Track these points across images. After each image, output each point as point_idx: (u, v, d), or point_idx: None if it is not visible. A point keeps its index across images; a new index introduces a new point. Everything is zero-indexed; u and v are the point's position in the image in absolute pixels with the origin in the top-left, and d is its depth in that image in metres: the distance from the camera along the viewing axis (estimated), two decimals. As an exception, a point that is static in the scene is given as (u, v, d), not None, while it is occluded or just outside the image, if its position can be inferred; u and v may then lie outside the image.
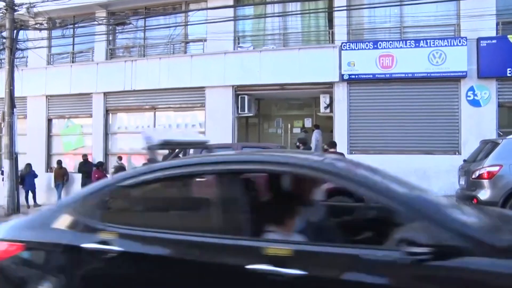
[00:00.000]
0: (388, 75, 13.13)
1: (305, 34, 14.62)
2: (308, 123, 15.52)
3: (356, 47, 13.39)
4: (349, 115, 13.54)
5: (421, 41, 12.87)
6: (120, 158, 15.07)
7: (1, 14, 14.06)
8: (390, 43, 13.13)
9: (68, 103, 16.92)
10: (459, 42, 12.64)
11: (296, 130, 16.00)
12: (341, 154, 10.77)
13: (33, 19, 14.56)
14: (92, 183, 12.96)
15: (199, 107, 15.08)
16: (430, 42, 12.81)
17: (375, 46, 13.22)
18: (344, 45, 13.42)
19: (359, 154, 13.20)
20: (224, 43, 14.33)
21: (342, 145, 12.88)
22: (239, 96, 14.41)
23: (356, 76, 13.35)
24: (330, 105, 13.84)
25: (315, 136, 14.18)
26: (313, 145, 13.95)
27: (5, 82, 14.17)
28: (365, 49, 13.31)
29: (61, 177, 15.84)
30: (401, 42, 13.10)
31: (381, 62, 13.11)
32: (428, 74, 12.83)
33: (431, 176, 12.65)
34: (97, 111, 16.26)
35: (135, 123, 16.27)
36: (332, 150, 10.75)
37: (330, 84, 13.67)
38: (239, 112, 14.50)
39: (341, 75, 13.41)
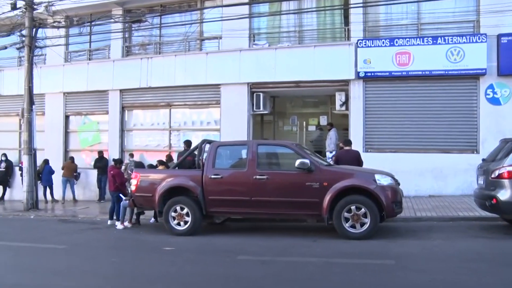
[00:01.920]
0: (405, 73, 13.00)
1: (321, 31, 14.54)
2: (323, 120, 15.44)
3: (372, 44, 13.27)
4: (364, 113, 13.45)
5: (439, 38, 12.71)
6: (131, 155, 15.17)
7: (21, 13, 14.26)
8: (407, 40, 12.99)
9: (85, 100, 17.08)
10: (479, 38, 12.45)
11: (311, 128, 15.95)
12: (357, 152, 10.75)
13: (51, 17, 14.70)
14: (107, 179, 13.25)
15: (214, 104, 15.11)
16: (448, 39, 12.64)
17: (392, 43, 13.09)
18: (360, 42, 13.31)
19: (374, 152, 13.14)
20: (239, 40, 14.32)
21: (357, 144, 12.81)
22: (254, 94, 14.40)
23: (372, 74, 13.24)
24: (346, 103, 13.75)
25: (333, 134, 14.12)
26: (330, 143, 13.89)
27: (24, 79, 14.43)
28: (381, 46, 13.18)
29: (71, 172, 16.00)
30: (418, 39, 12.94)
31: (397, 59, 12.98)
32: (446, 72, 12.67)
33: (448, 175, 12.57)
34: (113, 108, 16.39)
35: (150, 120, 16.36)
36: (347, 148, 10.75)
37: (346, 82, 13.58)
38: (254, 109, 14.49)
39: (357, 73, 13.31)
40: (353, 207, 8.25)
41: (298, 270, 6.35)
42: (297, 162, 8.53)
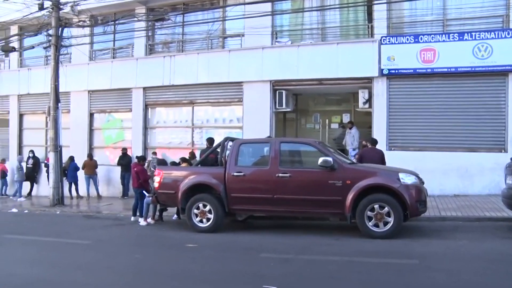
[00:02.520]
0: (430, 70, 12.78)
1: (344, 28, 14.39)
2: (346, 118, 15.31)
3: (396, 41, 13.08)
4: (388, 111, 13.27)
5: (466, 34, 12.45)
6: (154, 153, 15.31)
7: (48, 13, 14.54)
8: (432, 37, 12.77)
9: (109, 98, 17.32)
10: (508, 34, 12.14)
11: (334, 126, 15.84)
12: (381, 151, 10.63)
13: (76, 17, 14.95)
14: (130, 176, 13.40)
15: (236, 102, 15.13)
16: (475, 35, 12.37)
17: (416, 40, 12.88)
18: (383, 39, 13.14)
19: (398, 150, 12.97)
20: (262, 38, 14.29)
21: (381, 142, 12.63)
22: (277, 91, 14.36)
23: (396, 71, 13.05)
24: (369, 101, 13.60)
25: (356, 132, 13.99)
26: (353, 141, 13.76)
27: (50, 78, 14.73)
28: (405, 43, 12.99)
29: (92, 169, 16.24)
30: (443, 35, 12.71)
31: (422, 56, 12.77)
32: (473, 69, 12.41)
33: (474, 174, 12.32)
34: (136, 105, 16.57)
35: (173, 118, 16.48)
36: (371, 146, 10.65)
37: (369, 79, 13.43)
38: (277, 107, 14.45)
39: (381, 70, 13.15)
40: (376, 206, 8.15)
41: (320, 269, 6.32)
42: (320, 160, 8.47)
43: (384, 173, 8.64)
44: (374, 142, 10.91)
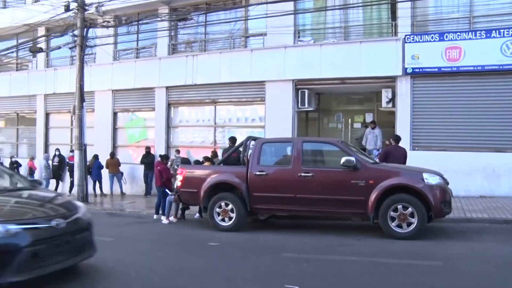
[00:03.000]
0: (455, 68, 12.56)
1: (367, 26, 14.27)
2: (369, 118, 15.15)
3: (421, 39, 12.90)
4: (412, 110, 13.10)
5: (493, 31, 12.17)
6: (178, 151, 15.43)
7: (73, 14, 14.82)
8: (458, 35, 12.53)
9: (132, 97, 17.53)
10: (538, 31, 11.86)
11: (357, 125, 15.69)
12: (405, 149, 10.51)
13: (101, 17, 15.17)
14: (153, 174, 13.54)
15: (259, 101, 15.13)
16: (503, 32, 12.09)
17: (441, 38, 12.67)
18: (407, 38, 12.97)
19: (422, 150, 12.79)
20: (284, 37, 14.27)
21: (404, 141, 12.47)
22: (299, 91, 14.31)
23: (420, 70, 12.87)
24: (392, 100, 13.44)
25: (379, 132, 13.84)
26: (376, 141, 13.62)
27: (76, 77, 15.00)
28: (430, 41, 12.79)
29: (116, 168, 16.43)
30: (470, 33, 12.46)
31: (447, 54, 12.56)
32: (500, 67, 12.14)
33: (501, 174, 12.07)
34: (159, 105, 16.73)
35: (196, 117, 16.59)
36: (394, 144, 10.54)
37: (393, 78, 13.27)
38: (299, 106, 14.40)
39: (404, 69, 12.98)
40: (399, 206, 8.05)
41: (342, 269, 6.27)
42: (343, 159, 8.41)
43: (408, 173, 8.54)
44: (398, 139, 10.79)
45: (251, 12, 14.88)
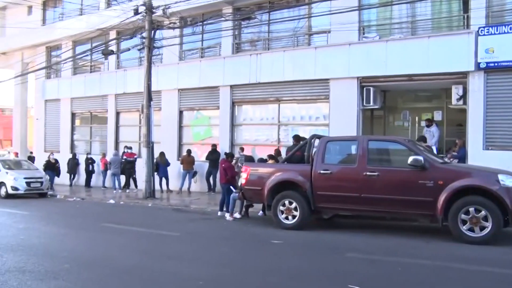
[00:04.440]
0: (535, 62, 11.77)
1: (436, 20, 13.67)
2: (438, 116, 14.52)
3: (497, 31, 12.15)
4: (485, 108, 12.40)
5: None
6: (242, 149, 15.59)
7: (142, 17, 15.43)
8: (539, 25, 11.72)
9: (197, 96, 17.93)
10: None
11: (424, 123, 15.11)
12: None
13: (167, 19, 15.65)
14: (217, 172, 13.79)
15: (323, 99, 14.97)
16: None
17: (520, 29, 11.89)
18: (481, 30, 12.29)
19: (496, 150, 12.10)
20: (348, 33, 14.01)
21: (476, 140, 11.97)
22: (364, 88, 14.00)
23: (495, 64, 12.15)
24: (463, 97, 12.80)
25: (436, 130, 13.27)
26: (433, 140, 13.07)
27: (144, 77, 15.61)
28: (507, 33, 11.98)
29: (190, 165, 16.87)
30: (552, 23, 11.62)
31: (527, 47, 11.76)
32: None
33: None
34: (224, 103, 16.99)
35: (260, 115, 16.69)
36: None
37: (464, 74, 12.63)
38: (364, 104, 14.09)
39: (477, 64, 12.31)
40: (471, 209, 7.68)
41: (408, 272, 6.08)
42: (410, 159, 8.17)
43: (481, 174, 8.13)
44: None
45: (315, 9, 14.75)
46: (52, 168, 19.15)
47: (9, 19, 25.55)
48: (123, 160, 18.37)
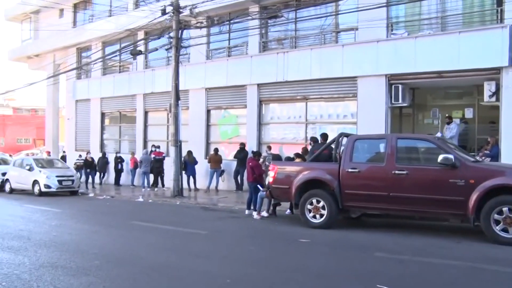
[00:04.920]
0: None
1: (467, 15, 13.34)
2: (469, 113, 14.19)
3: (531, 25, 11.80)
4: (520, 104, 12.07)
5: None
6: (269, 148, 15.58)
7: (169, 17, 15.60)
8: None
9: (225, 95, 18.02)
10: None
11: (455, 121, 14.77)
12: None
13: (194, 18, 15.76)
14: (245, 170, 13.82)
15: (350, 97, 14.83)
16: None
17: (559, 22, 11.49)
18: (515, 25, 11.95)
19: (532, 148, 11.75)
20: (376, 30, 13.84)
21: (510, 138, 11.65)
22: (393, 86, 13.79)
23: (530, 59, 11.80)
24: (496, 93, 12.47)
25: (455, 127, 12.97)
26: (448, 135, 12.76)
27: (171, 77, 15.79)
28: (543, 27, 11.66)
29: (217, 164, 16.97)
30: None
31: None
32: None
33: None
34: (251, 102, 17.02)
35: (287, 114, 16.66)
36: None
37: (497, 70, 12.30)
38: (392, 102, 13.88)
39: (511, 59, 11.98)
40: (505, 209, 7.48)
41: (439, 273, 5.96)
42: (440, 157, 8.01)
43: (515, 173, 7.90)
44: None
45: (342, 7, 14.60)
46: (90, 166, 19.55)
47: (42, 23, 26.23)
48: (152, 159, 18.61)
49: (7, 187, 18.91)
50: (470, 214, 7.79)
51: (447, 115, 13.85)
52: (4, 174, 19.34)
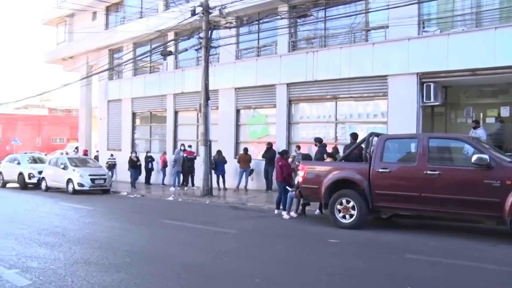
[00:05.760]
0: None
1: (504, 10, 12.97)
2: (505, 111, 13.79)
3: None
4: (560, 103, 11.67)
5: None
6: (298, 147, 15.52)
7: (199, 18, 15.74)
8: None
9: (254, 95, 18.06)
10: None
11: (490, 120, 14.39)
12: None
13: (224, 19, 15.85)
14: (273, 170, 13.80)
15: (381, 96, 14.64)
16: None
17: None
18: (554, 20, 11.55)
19: None
20: (407, 28, 13.62)
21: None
22: (424, 84, 13.53)
23: None
24: (534, 91, 12.10)
25: (482, 133, 12.55)
26: None
27: (201, 77, 15.92)
28: None
29: (247, 163, 17.02)
30: None
31: None
32: None
33: None
34: (280, 101, 17.00)
35: (316, 113, 16.57)
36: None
37: (535, 67, 11.93)
38: (424, 101, 13.63)
39: (549, 56, 11.60)
40: (544, 211, 7.24)
41: (472, 277, 5.81)
42: (474, 157, 7.82)
43: (554, 174, 7.64)
44: None
45: (372, 4, 14.42)
46: (134, 166, 19.87)
47: (76, 26, 26.94)
48: (184, 158, 18.80)
49: (43, 185, 19.47)
50: (506, 216, 7.57)
51: (475, 119, 13.50)
52: (40, 172, 19.92)
